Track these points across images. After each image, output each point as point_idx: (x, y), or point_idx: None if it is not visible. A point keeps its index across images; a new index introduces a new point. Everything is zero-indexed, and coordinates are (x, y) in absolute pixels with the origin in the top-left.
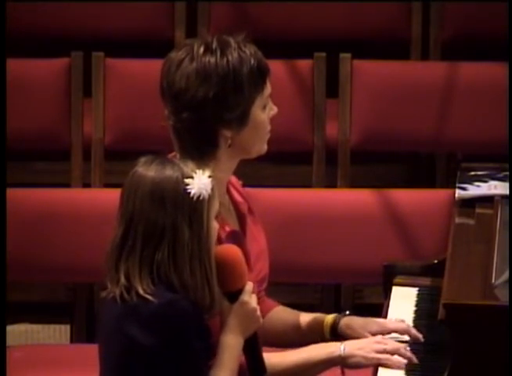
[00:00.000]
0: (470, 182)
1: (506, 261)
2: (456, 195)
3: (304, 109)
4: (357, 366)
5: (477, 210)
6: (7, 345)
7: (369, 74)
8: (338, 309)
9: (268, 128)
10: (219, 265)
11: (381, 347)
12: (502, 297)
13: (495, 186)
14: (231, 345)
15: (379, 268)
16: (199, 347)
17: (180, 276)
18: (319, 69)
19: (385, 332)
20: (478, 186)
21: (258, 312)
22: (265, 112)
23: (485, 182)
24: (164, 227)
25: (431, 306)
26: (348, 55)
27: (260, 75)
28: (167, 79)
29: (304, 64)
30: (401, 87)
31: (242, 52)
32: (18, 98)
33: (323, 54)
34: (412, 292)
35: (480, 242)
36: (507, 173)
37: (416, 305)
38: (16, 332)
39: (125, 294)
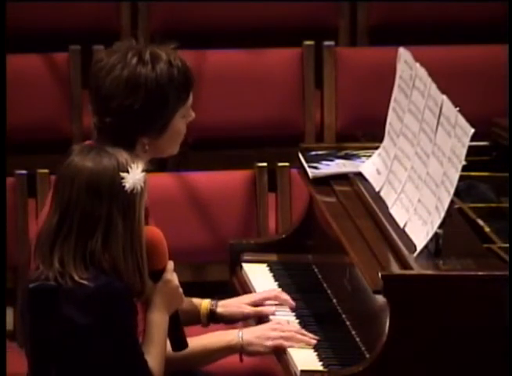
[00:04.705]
0: (318, 161)
1: (416, 232)
2: (310, 174)
3: (293, 95)
4: (256, 354)
5: (336, 187)
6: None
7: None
8: None
9: (184, 132)
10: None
11: (277, 334)
12: (417, 267)
13: (344, 164)
14: (158, 322)
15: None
16: (132, 324)
17: (113, 263)
18: (307, 57)
19: (257, 301)
20: (328, 164)
21: (180, 290)
22: (183, 120)
23: (331, 160)
24: (99, 217)
25: (292, 280)
26: (332, 42)
27: (185, 89)
28: (96, 81)
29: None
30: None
31: (171, 67)
32: (19, 93)
33: (312, 42)
34: (264, 268)
35: (361, 217)
36: (347, 152)
37: (277, 280)
38: None
39: (59, 278)
